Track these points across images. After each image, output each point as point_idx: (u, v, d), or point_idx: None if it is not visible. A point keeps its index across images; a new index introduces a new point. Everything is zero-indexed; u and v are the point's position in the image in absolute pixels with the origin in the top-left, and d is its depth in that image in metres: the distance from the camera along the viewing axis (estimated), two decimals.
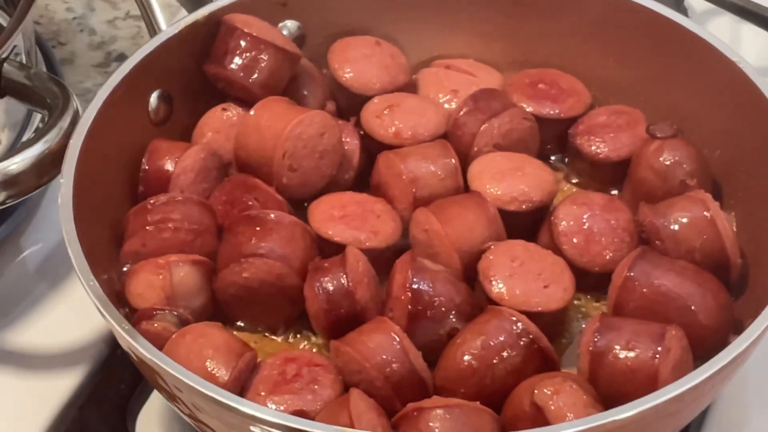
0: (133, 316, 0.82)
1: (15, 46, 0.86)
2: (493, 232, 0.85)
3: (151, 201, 0.86)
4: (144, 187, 0.90)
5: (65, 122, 0.80)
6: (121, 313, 0.82)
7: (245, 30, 0.93)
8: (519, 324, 0.77)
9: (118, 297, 0.84)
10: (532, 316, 0.79)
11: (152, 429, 0.87)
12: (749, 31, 1.09)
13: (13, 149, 0.79)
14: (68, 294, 0.95)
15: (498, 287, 0.81)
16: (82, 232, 0.80)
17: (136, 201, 0.89)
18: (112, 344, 0.90)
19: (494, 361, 0.77)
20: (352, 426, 0.72)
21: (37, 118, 0.98)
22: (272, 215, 0.84)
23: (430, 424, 0.73)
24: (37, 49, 1.01)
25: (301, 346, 0.84)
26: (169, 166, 0.90)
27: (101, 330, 0.91)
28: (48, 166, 0.80)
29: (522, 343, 0.77)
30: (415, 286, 0.79)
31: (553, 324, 0.83)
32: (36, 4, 1.08)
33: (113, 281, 0.84)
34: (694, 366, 0.77)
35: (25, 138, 0.97)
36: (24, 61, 0.93)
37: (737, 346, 0.73)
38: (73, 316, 0.92)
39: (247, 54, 0.93)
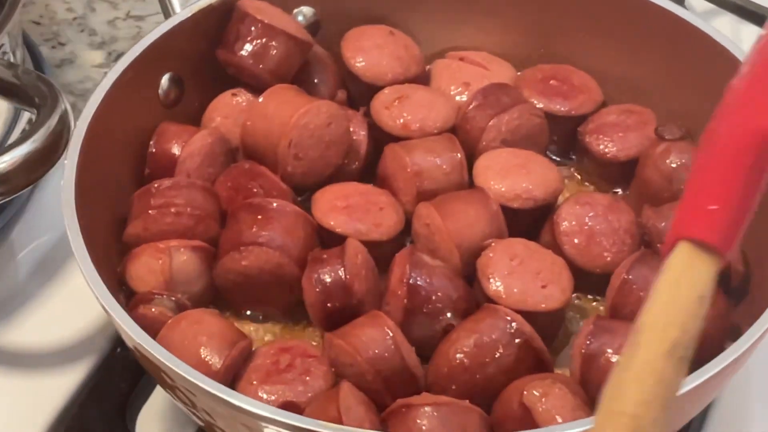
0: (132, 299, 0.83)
1: (2, 45, 0.87)
2: (494, 229, 0.84)
3: (155, 185, 0.87)
4: (150, 170, 0.91)
5: (53, 121, 0.80)
6: (121, 296, 0.83)
7: (256, 16, 0.93)
8: (513, 324, 0.77)
9: (118, 280, 0.85)
10: (528, 315, 0.79)
11: (152, 428, 0.87)
12: (749, 31, 1.08)
13: (1, 149, 0.79)
14: (68, 292, 0.95)
15: (495, 285, 0.81)
16: (83, 213, 0.80)
17: (142, 183, 0.90)
18: (111, 342, 0.91)
19: (487, 359, 0.77)
20: (339, 419, 0.72)
21: (24, 117, 0.99)
22: (274, 204, 0.85)
23: (418, 421, 0.73)
24: (25, 50, 1.02)
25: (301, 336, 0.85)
26: (176, 149, 0.90)
27: (101, 328, 0.91)
28: (36, 165, 0.80)
29: (516, 343, 0.77)
30: (412, 281, 0.79)
31: (550, 324, 0.83)
32: (34, 3, 1.10)
33: (114, 264, 0.85)
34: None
35: (12, 137, 0.98)
36: (11, 61, 0.94)
37: (727, 356, 0.72)
38: (73, 314, 0.92)
39: (258, 41, 0.93)
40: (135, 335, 0.74)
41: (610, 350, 0.76)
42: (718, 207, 0.57)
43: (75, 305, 0.93)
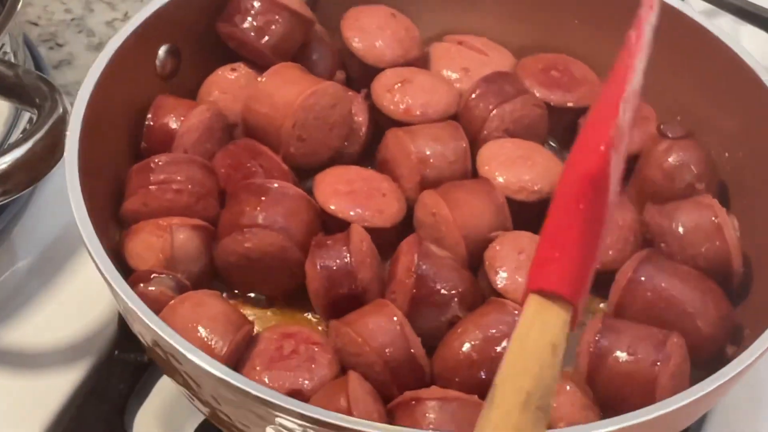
0: (130, 275, 0.81)
1: (2, 45, 0.85)
2: (500, 221, 0.84)
3: (156, 160, 0.85)
4: (147, 144, 0.89)
5: (53, 121, 0.79)
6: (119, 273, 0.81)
7: None
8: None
9: (116, 255, 0.83)
10: None
11: (150, 429, 0.86)
12: (749, 32, 1.08)
13: (1, 149, 0.79)
14: (67, 293, 0.94)
15: (503, 279, 0.80)
16: (86, 188, 0.78)
17: (138, 156, 0.88)
18: (110, 343, 0.90)
19: (493, 354, 0.76)
20: (349, 410, 0.71)
21: (24, 117, 0.98)
22: (278, 185, 0.83)
23: (426, 415, 0.72)
24: (26, 51, 1.01)
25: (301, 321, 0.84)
26: (173, 123, 0.89)
27: (100, 329, 0.91)
28: (37, 165, 0.79)
29: None
30: (420, 271, 0.78)
31: None
32: (32, 4, 1.07)
33: (113, 241, 0.83)
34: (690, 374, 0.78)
35: (12, 137, 0.97)
36: (12, 61, 0.93)
37: (739, 363, 0.72)
38: (72, 315, 0.92)
39: (261, 16, 0.91)
40: (144, 315, 0.72)
41: (618, 350, 0.76)
42: (559, 256, 0.57)
43: (74, 306, 0.92)
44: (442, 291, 0.79)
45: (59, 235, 0.96)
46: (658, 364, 0.75)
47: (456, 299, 0.79)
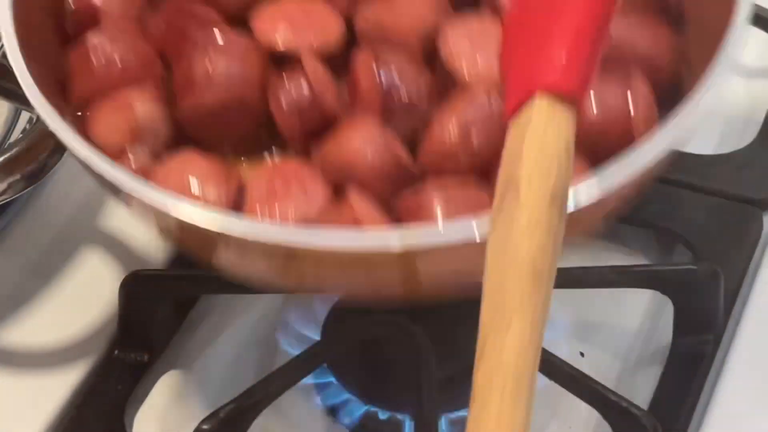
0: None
1: (2, 45, 0.84)
2: (441, 10, 0.85)
3: (93, 40, 0.84)
4: (75, 27, 0.88)
5: None
6: None
7: None
8: (492, 99, 0.78)
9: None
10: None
11: (150, 429, 0.88)
12: (748, 31, 1.08)
13: (1, 149, 0.80)
14: (66, 294, 0.95)
15: (464, 66, 0.81)
16: (40, 83, 0.78)
17: (69, 42, 0.87)
18: (110, 344, 0.91)
19: (474, 139, 0.78)
20: (358, 222, 0.73)
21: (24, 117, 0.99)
22: (223, 37, 0.83)
23: (433, 207, 0.74)
24: None
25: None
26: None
27: (99, 329, 0.92)
28: (37, 165, 0.81)
29: (498, 115, 0.78)
30: (383, 78, 0.79)
31: None
32: None
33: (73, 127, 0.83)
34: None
35: (12, 137, 0.98)
36: None
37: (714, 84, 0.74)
38: (71, 316, 0.92)
39: None
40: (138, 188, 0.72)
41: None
42: (567, 54, 0.58)
43: (74, 306, 0.93)
44: (410, 95, 0.80)
45: (59, 234, 0.98)
46: (629, 97, 0.77)
47: (424, 98, 0.80)
